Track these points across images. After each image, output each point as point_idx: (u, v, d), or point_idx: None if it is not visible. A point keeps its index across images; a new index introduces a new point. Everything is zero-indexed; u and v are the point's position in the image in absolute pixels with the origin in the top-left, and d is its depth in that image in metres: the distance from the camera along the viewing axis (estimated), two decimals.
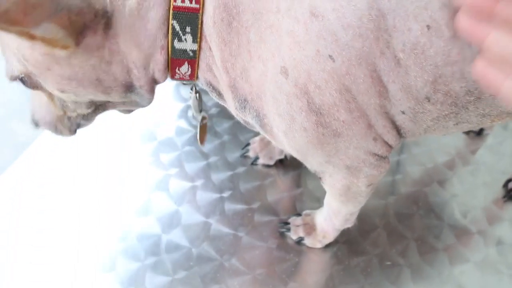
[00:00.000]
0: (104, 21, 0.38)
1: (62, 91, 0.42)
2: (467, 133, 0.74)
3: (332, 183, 0.48)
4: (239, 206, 0.65)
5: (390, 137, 0.41)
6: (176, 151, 0.71)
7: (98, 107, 0.48)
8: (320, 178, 0.49)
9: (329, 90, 0.37)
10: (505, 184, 0.68)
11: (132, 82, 0.42)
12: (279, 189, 0.67)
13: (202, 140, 0.59)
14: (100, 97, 0.44)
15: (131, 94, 0.44)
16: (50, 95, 0.46)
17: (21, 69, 0.41)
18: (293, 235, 0.61)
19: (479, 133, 0.74)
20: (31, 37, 0.34)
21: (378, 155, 0.43)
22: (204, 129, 0.58)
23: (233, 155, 0.70)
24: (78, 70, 0.40)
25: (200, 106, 0.53)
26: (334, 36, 0.35)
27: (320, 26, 0.35)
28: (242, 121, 0.47)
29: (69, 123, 0.49)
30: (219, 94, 0.45)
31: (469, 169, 0.70)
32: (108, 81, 0.41)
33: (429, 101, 0.38)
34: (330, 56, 0.36)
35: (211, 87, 0.44)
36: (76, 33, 0.37)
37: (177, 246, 0.61)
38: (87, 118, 0.49)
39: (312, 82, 0.37)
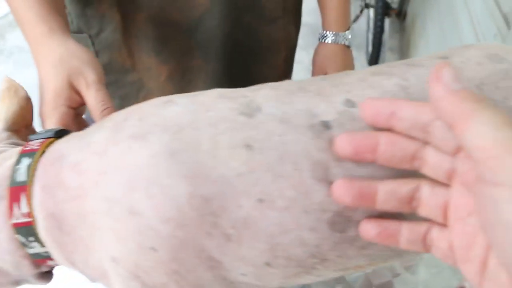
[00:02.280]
0: None
1: None
2: None
3: None
4: None
5: None
6: None
7: None
8: None
9: (157, 274, 0.37)
10: None
11: (18, 278, 0.44)
12: None
13: None
14: None
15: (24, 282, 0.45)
16: None
17: None
18: None
19: None
20: None
21: None
22: None
23: None
24: None
25: None
26: (153, 231, 0.35)
27: (139, 223, 0.35)
28: None
29: None
30: None
31: None
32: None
33: (269, 265, 0.37)
34: (152, 247, 0.35)
35: None
36: None
37: None
38: None
39: (140, 269, 0.37)
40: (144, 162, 0.35)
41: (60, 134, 0.44)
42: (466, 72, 0.39)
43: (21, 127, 0.48)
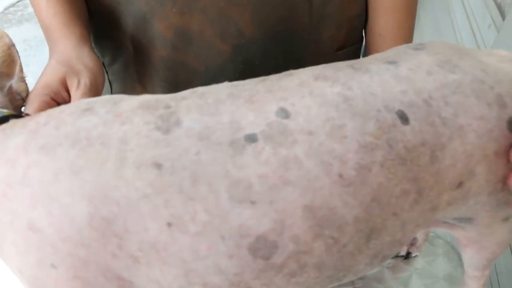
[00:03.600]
0: None
1: None
2: (394, 257, 0.66)
3: None
4: None
5: None
6: None
7: None
8: None
9: None
10: None
11: None
12: None
13: None
14: None
15: None
16: None
17: None
18: None
19: (407, 256, 0.67)
20: None
21: None
22: None
23: None
24: None
25: None
26: (53, 248, 0.33)
27: (38, 239, 0.34)
28: None
29: None
30: None
31: None
32: None
33: None
34: (52, 264, 0.34)
35: None
36: None
37: None
38: None
39: (41, 284, 0.36)
40: (47, 179, 0.34)
41: (6, 119, 0.41)
42: (415, 83, 0.36)
43: (4, 74, 0.48)
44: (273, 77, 0.38)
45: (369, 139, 0.33)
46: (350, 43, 0.69)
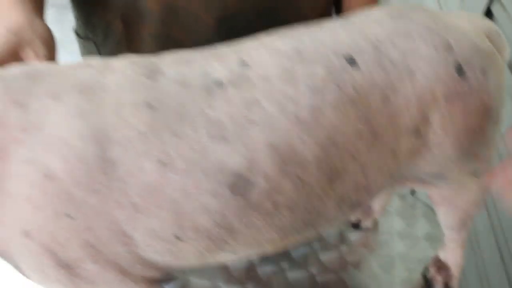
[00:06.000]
0: None
1: None
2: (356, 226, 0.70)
3: None
4: None
5: (155, 272, 0.41)
6: None
7: None
8: None
9: (71, 247, 0.36)
10: (424, 273, 0.63)
11: None
12: None
13: None
14: None
15: None
16: None
17: None
18: None
19: (357, 226, 0.69)
20: None
21: None
22: None
23: None
24: None
25: None
26: (68, 195, 0.34)
27: (54, 186, 0.34)
28: None
29: None
30: None
31: (381, 263, 0.65)
32: None
33: (179, 239, 0.37)
34: (67, 214, 0.35)
35: None
36: None
37: None
38: None
39: (55, 241, 0.36)
40: (59, 122, 0.35)
41: None
42: (363, 30, 0.39)
43: None
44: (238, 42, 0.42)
45: (318, 82, 0.37)
46: (329, 12, 0.72)
